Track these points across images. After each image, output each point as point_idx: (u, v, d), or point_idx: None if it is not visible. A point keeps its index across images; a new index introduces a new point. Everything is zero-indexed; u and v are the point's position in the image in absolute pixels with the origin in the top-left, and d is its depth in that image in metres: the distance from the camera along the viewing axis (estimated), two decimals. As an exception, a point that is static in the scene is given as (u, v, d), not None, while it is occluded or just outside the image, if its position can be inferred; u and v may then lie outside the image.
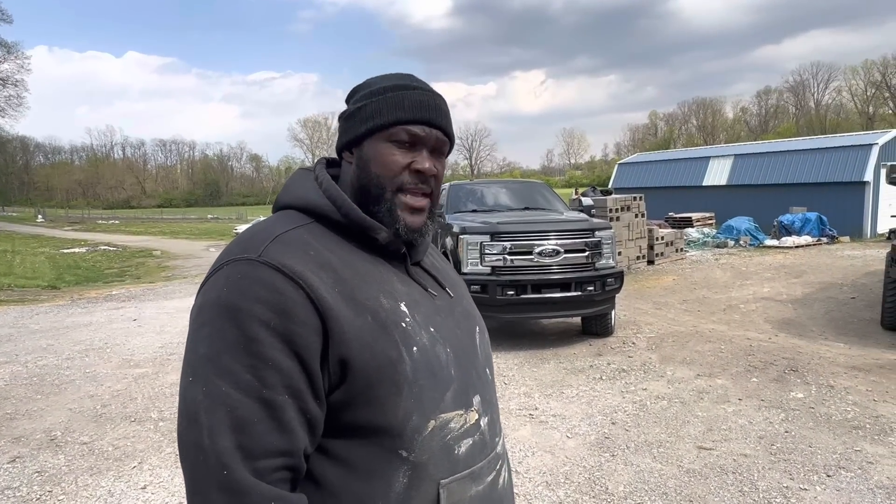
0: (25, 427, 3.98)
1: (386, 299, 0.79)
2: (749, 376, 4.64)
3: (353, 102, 0.88)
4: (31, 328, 7.34)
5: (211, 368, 0.70)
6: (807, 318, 6.68)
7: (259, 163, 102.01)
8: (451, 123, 0.89)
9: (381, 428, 0.76)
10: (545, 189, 7.46)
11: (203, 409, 0.69)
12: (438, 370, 0.80)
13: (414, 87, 0.85)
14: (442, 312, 0.87)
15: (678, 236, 12.21)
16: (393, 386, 0.75)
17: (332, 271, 0.77)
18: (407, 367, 0.76)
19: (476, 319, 0.96)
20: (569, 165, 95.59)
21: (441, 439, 0.79)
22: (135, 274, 14.68)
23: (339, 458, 0.76)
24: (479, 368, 0.89)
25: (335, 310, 0.73)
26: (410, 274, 0.88)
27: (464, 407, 0.83)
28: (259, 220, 0.87)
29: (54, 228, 39.10)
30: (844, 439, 3.45)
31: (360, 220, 0.83)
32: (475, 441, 0.84)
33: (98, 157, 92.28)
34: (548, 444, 3.50)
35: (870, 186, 14.91)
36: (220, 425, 0.68)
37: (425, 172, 0.84)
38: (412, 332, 0.79)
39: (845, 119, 60.47)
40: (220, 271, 0.76)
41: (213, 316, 0.72)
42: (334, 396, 0.75)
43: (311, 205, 0.84)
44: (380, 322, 0.76)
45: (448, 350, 0.83)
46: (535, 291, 5.43)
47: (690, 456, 3.30)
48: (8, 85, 40.15)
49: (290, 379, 0.71)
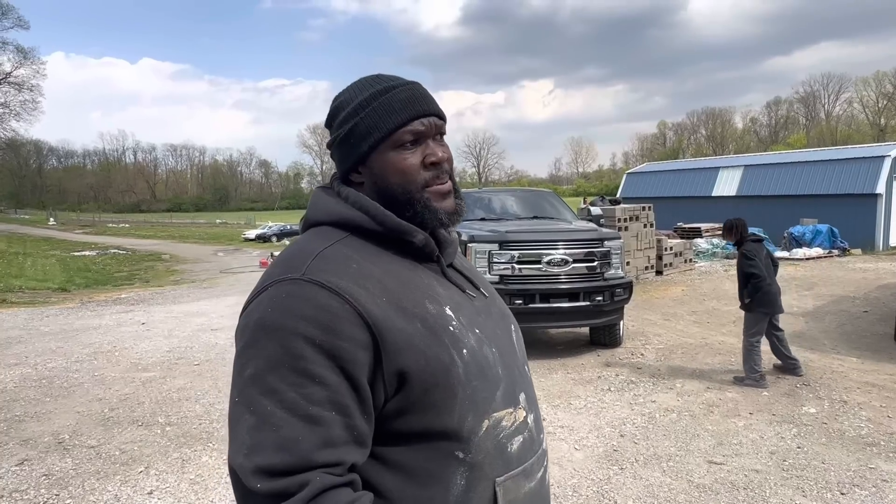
0: (34, 430, 3.99)
1: (431, 304, 0.79)
2: (760, 390, 4.57)
3: (338, 126, 0.86)
4: (41, 330, 7.39)
5: (256, 388, 0.70)
6: (819, 331, 6.60)
7: (268, 168, 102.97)
8: (438, 104, 0.87)
9: (438, 432, 0.76)
10: (553, 198, 7.44)
11: (248, 429, 0.69)
12: (488, 370, 0.81)
13: (392, 86, 0.84)
14: (482, 313, 0.88)
15: (687, 247, 12.13)
16: (448, 390, 0.75)
17: (377, 282, 0.77)
18: (460, 370, 0.77)
19: (510, 318, 0.97)
20: (577, 174, 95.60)
21: (495, 438, 0.80)
22: (144, 277, 14.79)
23: (397, 466, 0.76)
24: (519, 366, 0.90)
25: (385, 321, 0.73)
26: (447, 276, 0.88)
27: (512, 405, 0.83)
28: (295, 241, 0.85)
29: (66, 231, 39.51)
30: (858, 456, 3.39)
31: (397, 224, 0.82)
32: (525, 438, 0.84)
33: (110, 162, 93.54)
34: (555, 456, 3.46)
35: (882, 199, 14.77)
36: (264, 445, 0.68)
37: (441, 161, 0.84)
38: (460, 335, 0.79)
39: (856, 130, 60.09)
40: (264, 292, 0.76)
41: (258, 336, 0.72)
42: (390, 406, 0.75)
43: (343, 218, 0.83)
44: (429, 327, 0.77)
45: (493, 350, 0.84)
46: (543, 301, 5.40)
47: (700, 470, 3.25)
48: (23, 90, 40.84)
49: (337, 394, 0.71)
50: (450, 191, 0.87)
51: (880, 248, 14.74)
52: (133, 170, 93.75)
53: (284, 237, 30.02)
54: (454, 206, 0.87)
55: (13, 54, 40.11)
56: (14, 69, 40.58)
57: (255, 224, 40.34)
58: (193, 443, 3.72)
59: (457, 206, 0.88)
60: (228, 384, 0.91)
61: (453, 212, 0.86)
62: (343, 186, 0.88)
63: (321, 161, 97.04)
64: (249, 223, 43.10)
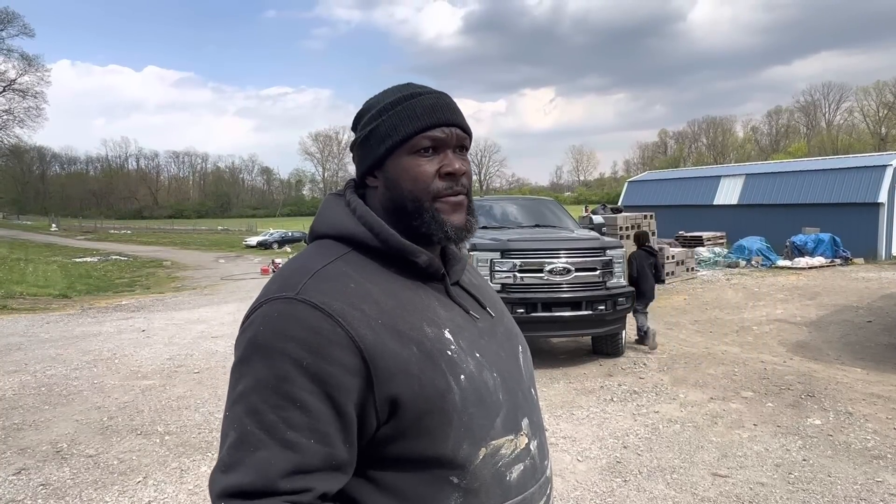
0: (32, 438, 3.96)
1: (430, 327, 0.77)
2: (764, 401, 4.53)
3: (361, 127, 0.85)
4: (41, 337, 7.37)
5: (241, 406, 0.71)
6: (822, 341, 6.56)
7: (270, 175, 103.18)
8: (465, 118, 0.86)
9: (432, 458, 0.74)
10: (555, 206, 7.43)
11: (229, 446, 0.70)
12: (487, 396, 0.78)
13: (419, 93, 0.83)
14: (485, 335, 0.85)
15: (689, 255, 12.10)
16: (443, 416, 0.73)
17: (374, 303, 0.75)
18: (456, 397, 0.74)
19: (518, 338, 0.94)
20: (578, 182, 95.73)
21: (493, 466, 0.77)
22: (145, 284, 14.78)
23: (390, 489, 0.74)
24: (524, 390, 0.87)
25: (378, 346, 0.72)
26: (451, 296, 0.85)
27: (514, 432, 0.81)
28: (298, 254, 0.84)
29: (67, 237, 39.57)
30: (865, 469, 3.35)
31: (399, 244, 0.80)
32: (526, 466, 0.82)
33: (112, 168, 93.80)
34: (558, 468, 3.42)
35: (884, 208, 14.75)
36: (240, 464, 0.68)
37: (456, 173, 0.81)
38: (458, 360, 0.77)
39: (857, 139, 60.19)
40: (258, 310, 0.75)
41: (249, 353, 0.72)
42: (383, 431, 0.74)
43: (347, 233, 0.82)
44: (425, 352, 0.74)
45: (495, 374, 0.81)
46: (545, 310, 5.38)
47: (705, 483, 3.21)
48: (27, 96, 41.14)
49: (318, 422, 0.69)
50: (462, 204, 0.83)
51: (882, 257, 14.70)
52: (135, 176, 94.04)
53: (286, 244, 30.04)
54: (464, 222, 0.84)
55: (18, 61, 40.49)
56: (18, 76, 40.95)
57: (256, 231, 40.38)
58: (192, 452, 3.69)
59: (467, 222, 0.84)
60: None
61: (462, 227, 0.83)
62: (353, 196, 0.86)
63: (323, 168, 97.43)
64: (251, 230, 43.14)
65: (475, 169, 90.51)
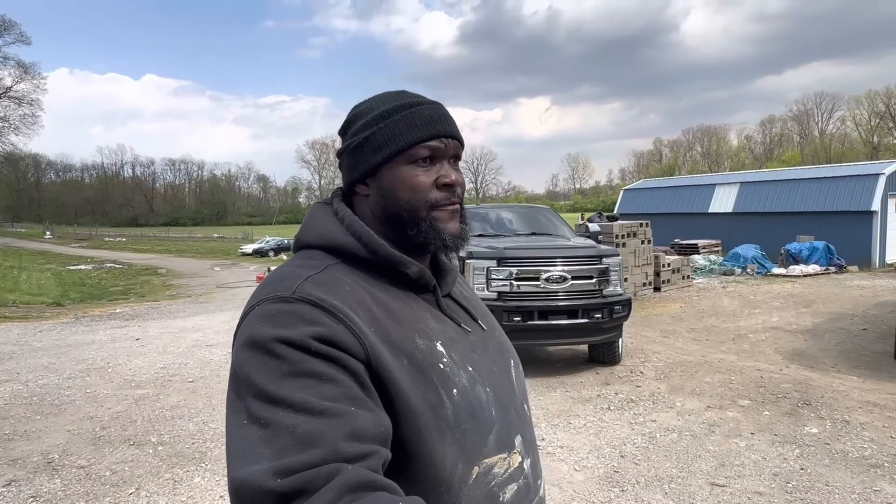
0: (23, 449, 3.91)
1: (421, 339, 0.74)
2: (761, 409, 4.53)
3: (353, 134, 0.82)
4: (33, 346, 7.30)
5: (259, 403, 0.62)
6: (818, 349, 6.57)
7: (266, 183, 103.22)
8: (458, 126, 0.87)
9: (421, 477, 0.69)
10: (551, 214, 7.44)
11: (259, 442, 0.60)
12: (480, 412, 0.75)
13: (417, 102, 0.82)
14: (478, 349, 0.82)
15: (685, 263, 12.14)
16: (435, 432, 0.69)
17: (368, 310, 0.72)
18: (448, 412, 0.71)
19: (510, 352, 0.92)
20: (574, 190, 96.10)
21: (486, 486, 0.73)
22: (139, 292, 14.69)
23: None
24: (517, 406, 0.84)
25: (377, 348, 0.69)
26: (442, 308, 0.83)
27: (507, 450, 0.77)
28: (283, 265, 0.80)
29: (62, 245, 39.36)
30: (863, 478, 3.34)
31: (389, 255, 0.78)
32: (520, 486, 0.78)
33: (108, 176, 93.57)
34: (555, 478, 3.40)
35: (877, 216, 14.84)
36: (284, 448, 0.58)
37: (454, 184, 0.81)
38: (451, 374, 0.74)
39: (850, 148, 60.75)
40: (251, 312, 0.71)
41: (250, 354, 0.65)
42: None
43: (335, 244, 0.79)
44: (416, 365, 0.71)
45: (488, 389, 0.78)
46: (541, 318, 5.37)
47: (703, 493, 3.20)
48: (23, 104, 41.12)
49: (350, 390, 0.63)
50: (457, 212, 0.83)
51: (876, 264, 14.77)
52: (131, 184, 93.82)
53: (282, 251, 29.99)
54: (459, 230, 0.83)
55: (14, 69, 40.50)
56: (14, 84, 40.95)
57: (252, 238, 40.29)
58: (186, 463, 3.64)
59: (462, 230, 0.84)
60: (223, 402, 0.87)
61: (458, 235, 0.83)
62: (341, 205, 0.84)
63: (319, 176, 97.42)
64: (247, 237, 43.04)
65: (471, 177, 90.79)
